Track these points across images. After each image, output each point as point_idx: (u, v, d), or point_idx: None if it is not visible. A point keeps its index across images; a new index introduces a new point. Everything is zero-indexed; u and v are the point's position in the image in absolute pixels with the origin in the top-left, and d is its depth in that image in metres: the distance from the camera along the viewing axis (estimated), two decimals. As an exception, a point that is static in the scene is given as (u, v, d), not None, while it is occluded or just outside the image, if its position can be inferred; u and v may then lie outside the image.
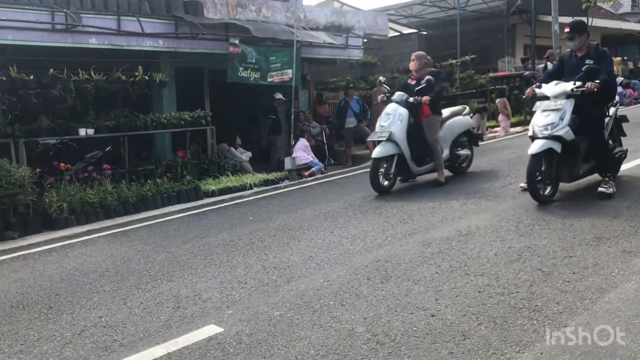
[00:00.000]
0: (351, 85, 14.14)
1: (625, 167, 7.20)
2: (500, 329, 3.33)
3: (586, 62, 6.14)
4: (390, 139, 7.37)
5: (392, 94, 7.90)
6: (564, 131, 5.89)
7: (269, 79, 11.50)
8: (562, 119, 5.92)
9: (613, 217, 5.35)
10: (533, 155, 5.93)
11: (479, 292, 3.91)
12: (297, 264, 4.96)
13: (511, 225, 5.46)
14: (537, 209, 5.96)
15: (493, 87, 16.62)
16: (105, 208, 8.09)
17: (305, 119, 12.80)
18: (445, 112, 8.20)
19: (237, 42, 10.90)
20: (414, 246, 5.10)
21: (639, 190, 6.27)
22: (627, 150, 6.86)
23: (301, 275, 4.66)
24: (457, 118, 8.41)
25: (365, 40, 14.56)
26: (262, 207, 7.95)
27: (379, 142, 7.49)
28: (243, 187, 9.45)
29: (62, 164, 8.79)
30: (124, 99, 10.34)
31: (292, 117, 11.58)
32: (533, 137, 6.08)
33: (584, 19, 20.39)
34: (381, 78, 9.16)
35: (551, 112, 6.02)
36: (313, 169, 10.82)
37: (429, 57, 8.16)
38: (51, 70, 8.79)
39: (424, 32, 19.15)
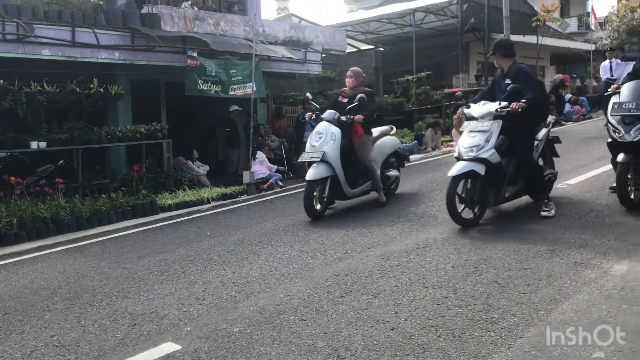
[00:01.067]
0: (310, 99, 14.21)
1: (575, 180, 7.45)
2: (459, 341, 3.37)
3: (506, 81, 6.08)
4: (323, 160, 6.96)
5: (322, 111, 7.52)
6: (489, 154, 5.75)
7: (231, 92, 11.46)
8: (487, 140, 5.79)
9: (565, 230, 5.51)
10: (453, 178, 5.78)
11: (438, 304, 3.96)
12: (256, 279, 4.92)
13: (467, 239, 5.56)
14: (492, 223, 6.09)
15: (448, 103, 16.97)
16: (58, 223, 7.86)
17: (265, 133, 12.79)
18: (374, 132, 7.85)
19: (195, 54, 10.84)
20: (373, 259, 5.13)
21: (588, 203, 6.46)
22: (557, 173, 6.83)
23: (261, 291, 4.62)
24: (386, 138, 8.13)
25: (323, 55, 14.69)
26: (220, 221, 7.87)
27: (311, 163, 7.09)
28: (200, 202, 9.34)
29: (12, 178, 8.51)
30: (78, 112, 10.12)
31: (251, 130, 11.54)
32: (459, 158, 5.93)
33: (534, 37, 21.21)
34: (308, 95, 8.73)
35: (477, 133, 5.89)
36: (271, 180, 10.76)
37: (365, 75, 7.87)
38: (1, 81, 8.54)
39: (381, 49, 19.46)
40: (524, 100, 5.78)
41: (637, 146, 5.64)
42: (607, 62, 14.69)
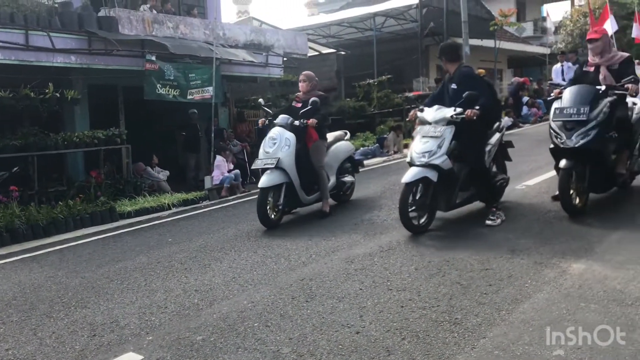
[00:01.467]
0: (269, 103, 14.18)
1: (533, 181, 7.61)
2: (423, 343, 3.39)
3: (452, 86, 6.09)
4: (277, 167, 6.75)
5: (275, 117, 7.31)
6: (441, 160, 5.69)
7: (189, 96, 11.33)
8: (440, 146, 5.72)
9: (524, 231, 5.61)
10: (407, 184, 5.68)
11: (402, 307, 3.97)
12: (219, 286, 4.85)
13: (430, 241, 5.62)
14: (453, 224, 6.17)
15: (410, 107, 17.13)
16: (12, 232, 7.60)
17: (228, 137, 12.68)
18: (328, 137, 7.61)
19: (153, 58, 10.69)
20: (337, 263, 5.13)
21: (546, 204, 6.59)
22: (509, 178, 6.82)
23: (224, 298, 4.56)
24: (341, 143, 8.01)
25: (285, 59, 14.67)
26: (181, 228, 7.75)
27: (265, 170, 6.87)
28: (161, 208, 9.19)
29: (-37, 186, 8.22)
30: (33, 117, 9.84)
31: (212, 134, 11.41)
32: (411, 164, 5.85)
33: (492, 41, 21.64)
34: (261, 100, 8.29)
35: (430, 138, 5.81)
36: (225, 185, 10.41)
37: (317, 79, 7.60)
38: (-50, 86, 8.25)
39: (342, 52, 19.55)
40: (477, 107, 5.77)
41: (579, 152, 5.60)
42: (558, 65, 15.08)
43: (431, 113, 6.00)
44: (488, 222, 5.94)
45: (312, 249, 5.69)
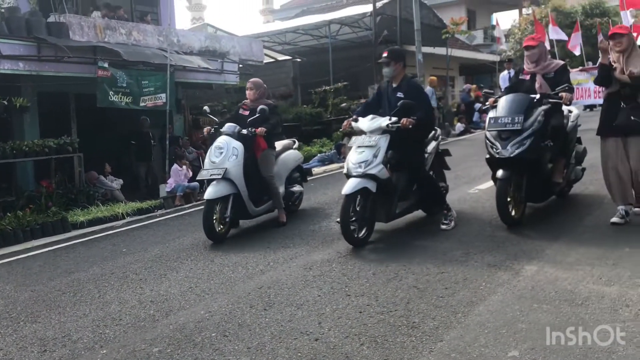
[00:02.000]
0: (224, 110, 14.07)
1: (485, 185, 7.77)
2: (382, 348, 3.42)
3: (397, 95, 5.93)
4: (224, 177, 6.46)
5: (221, 125, 7.01)
6: (378, 169, 5.58)
7: (142, 103, 11.16)
8: (376, 156, 5.61)
9: (477, 234, 5.73)
10: (347, 196, 5.54)
11: (360, 312, 3.99)
12: (175, 296, 4.78)
13: (387, 245, 5.67)
14: (408, 230, 6.24)
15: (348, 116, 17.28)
16: (-43, 245, 7.31)
17: (183, 144, 12.52)
18: (276, 146, 7.38)
19: (106, 65, 10.49)
20: (296, 270, 5.12)
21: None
22: (447, 187, 6.84)
23: (180, 308, 4.49)
24: (289, 152, 7.81)
25: (240, 65, 14.61)
26: (136, 237, 7.60)
27: (211, 180, 6.59)
28: (115, 217, 8.99)
29: None
30: (-21, 126, 9.50)
31: (167, 142, 11.25)
32: (348, 175, 5.71)
33: (444, 49, 22.07)
34: (206, 107, 7.84)
35: (365, 148, 5.69)
36: (178, 194, 10.26)
37: (266, 86, 7.42)
38: None
39: (298, 59, 19.60)
40: (414, 117, 5.69)
41: (515, 162, 5.54)
42: (505, 72, 15.43)
43: (366, 123, 5.88)
44: (443, 226, 5.99)
45: (270, 257, 5.66)
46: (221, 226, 6.55)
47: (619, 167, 5.59)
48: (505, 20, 28.13)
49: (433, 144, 6.36)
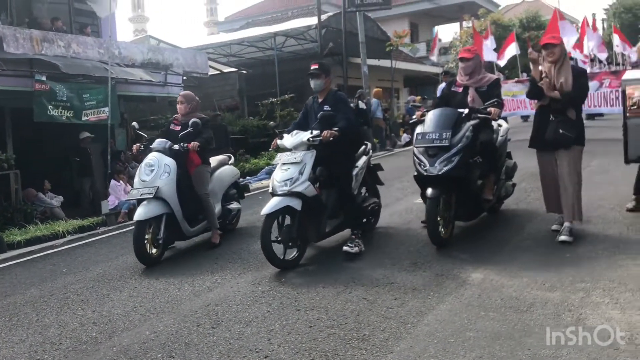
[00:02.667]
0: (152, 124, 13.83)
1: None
2: (333, 363, 3.38)
3: (324, 108, 5.76)
4: (156, 196, 6.09)
5: (151, 141, 6.62)
6: (304, 187, 5.34)
7: (84, 118, 10.81)
8: (301, 173, 5.38)
9: (425, 243, 5.76)
10: (267, 216, 5.27)
11: (310, 327, 3.95)
12: (119, 317, 4.60)
13: (336, 257, 5.63)
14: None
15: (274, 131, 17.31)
16: None
17: (126, 159, 12.19)
18: (211, 161, 7.03)
19: (44, 78, 10.12)
20: (244, 286, 5.03)
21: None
22: (380, 203, 6.67)
23: (124, 329, 4.33)
24: (225, 168, 7.47)
25: (185, 77, 14.40)
26: (77, 256, 7.31)
27: (142, 200, 6.18)
28: (55, 236, 8.63)
29: None
30: None
31: (109, 157, 10.93)
32: (273, 194, 5.46)
33: (389, 61, 22.42)
34: (134, 123, 7.27)
35: (290, 165, 5.46)
36: (123, 210, 10.00)
37: (198, 99, 7.05)
38: None
39: (244, 71, 19.49)
40: (336, 128, 5.50)
41: (444, 179, 5.35)
42: (443, 84, 15.69)
43: (289, 139, 5.72)
44: (346, 247, 5.60)
45: (217, 273, 5.55)
46: (154, 249, 6.18)
47: (551, 179, 5.59)
48: (447, 33, 28.83)
49: (364, 158, 6.21)
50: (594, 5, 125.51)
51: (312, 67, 5.92)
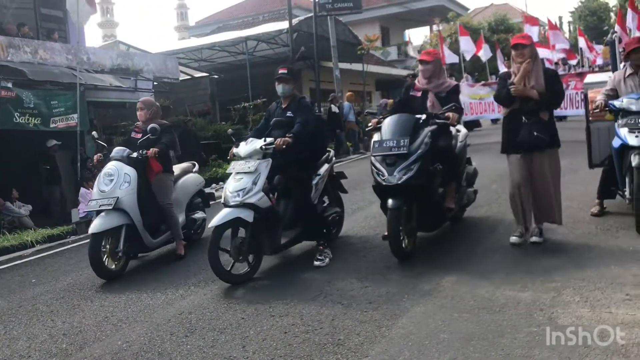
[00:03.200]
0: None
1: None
2: (308, 369, 3.36)
3: (287, 115, 5.63)
4: (116, 207, 5.80)
5: (111, 150, 6.33)
6: (257, 198, 5.11)
7: (52, 125, 10.64)
8: (255, 183, 5.15)
9: (399, 246, 5.81)
10: (216, 228, 5.02)
11: (285, 332, 3.93)
12: (90, 328, 4.52)
13: (309, 261, 5.58)
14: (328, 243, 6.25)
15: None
16: None
17: (95, 166, 11.99)
18: (175, 169, 6.78)
19: (10, 85, 9.93)
20: (218, 294, 4.99)
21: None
22: (343, 213, 6.46)
23: (96, 340, 4.25)
24: (189, 176, 7.21)
25: (155, 83, 14.27)
26: (47, 266, 7.16)
27: (100, 212, 5.88)
28: (23, 246, 8.45)
29: None
30: None
31: (79, 164, 10.75)
32: (225, 204, 5.22)
33: (360, 65, 22.54)
34: (94, 133, 6.93)
35: (244, 175, 5.22)
36: (91, 218, 9.78)
37: (158, 105, 6.81)
38: None
39: (216, 76, 19.38)
40: (290, 135, 5.33)
41: (404, 189, 5.04)
42: None
43: (243, 147, 5.46)
44: (316, 262, 5.42)
45: (190, 280, 5.49)
46: (114, 262, 5.88)
47: (522, 188, 5.30)
48: (417, 36, 29.15)
49: (326, 166, 5.98)
50: (559, 8, 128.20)
51: (281, 71, 5.79)
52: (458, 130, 6.19)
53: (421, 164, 5.03)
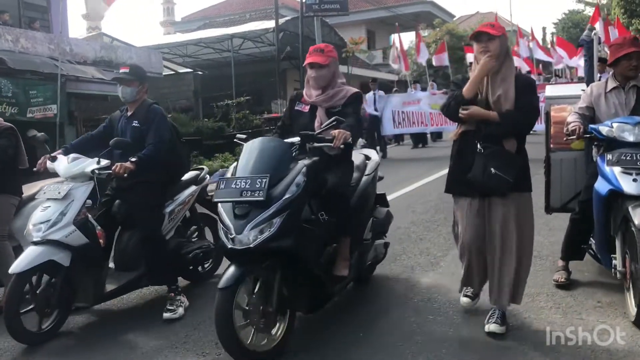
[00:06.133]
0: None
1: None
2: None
3: (133, 125, 4.37)
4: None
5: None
6: (64, 233, 3.88)
7: (29, 114, 10.51)
8: (64, 214, 3.92)
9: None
10: (18, 275, 3.74)
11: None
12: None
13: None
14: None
15: (268, 128, 17.30)
16: None
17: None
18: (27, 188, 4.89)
19: (-12, 73, 9.78)
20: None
21: (396, 220, 6.89)
22: (210, 245, 5.01)
23: None
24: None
25: (138, 77, 14.15)
26: None
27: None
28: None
29: None
30: None
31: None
32: (35, 243, 3.89)
33: (345, 67, 22.58)
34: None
35: (53, 202, 3.96)
36: None
37: None
38: None
39: (200, 72, 19.29)
40: (134, 160, 4.08)
41: (259, 253, 3.32)
42: (370, 93, 14.51)
43: (64, 164, 4.17)
44: (166, 314, 4.17)
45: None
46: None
47: (472, 245, 3.66)
48: (403, 41, 29.38)
49: (191, 190, 4.78)
50: (544, 19, 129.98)
51: (122, 70, 4.54)
52: (367, 157, 4.62)
53: (287, 218, 3.29)
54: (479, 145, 3.49)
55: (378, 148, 13.73)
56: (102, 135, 4.57)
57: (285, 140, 3.68)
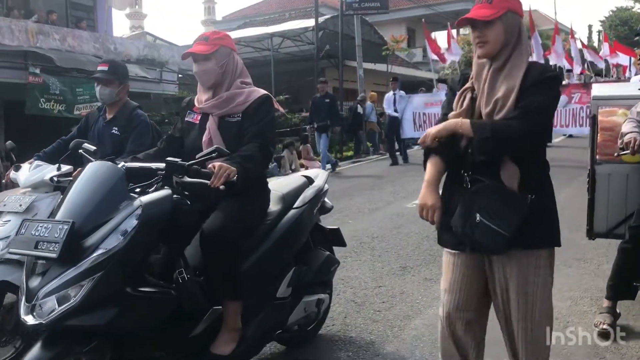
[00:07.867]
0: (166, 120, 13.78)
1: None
2: (318, 364, 3.36)
3: (112, 131, 3.88)
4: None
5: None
6: None
7: (76, 112, 10.82)
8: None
9: (415, 247, 5.79)
10: None
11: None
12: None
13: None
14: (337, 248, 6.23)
15: (306, 127, 17.33)
16: None
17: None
18: None
19: (37, 71, 10.11)
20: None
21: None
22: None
23: None
24: None
25: (180, 75, 14.41)
26: None
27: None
28: None
29: None
30: None
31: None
32: None
33: (384, 65, 22.47)
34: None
35: (13, 215, 3.38)
36: None
37: None
38: None
39: (240, 71, 19.44)
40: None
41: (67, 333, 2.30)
42: (390, 93, 13.81)
43: (25, 172, 3.65)
44: None
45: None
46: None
47: (457, 321, 2.50)
48: (443, 39, 29.03)
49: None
50: (590, 17, 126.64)
51: (100, 68, 3.97)
52: (309, 180, 3.64)
53: (99, 282, 2.26)
54: (466, 178, 2.29)
55: (398, 153, 13.31)
56: (76, 138, 3.72)
57: (129, 166, 2.63)
